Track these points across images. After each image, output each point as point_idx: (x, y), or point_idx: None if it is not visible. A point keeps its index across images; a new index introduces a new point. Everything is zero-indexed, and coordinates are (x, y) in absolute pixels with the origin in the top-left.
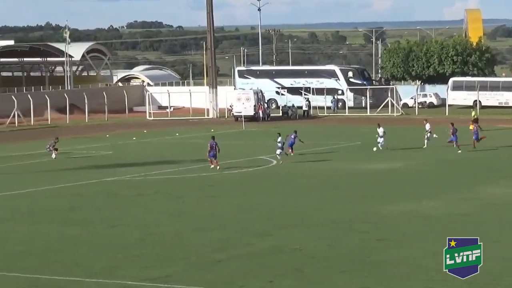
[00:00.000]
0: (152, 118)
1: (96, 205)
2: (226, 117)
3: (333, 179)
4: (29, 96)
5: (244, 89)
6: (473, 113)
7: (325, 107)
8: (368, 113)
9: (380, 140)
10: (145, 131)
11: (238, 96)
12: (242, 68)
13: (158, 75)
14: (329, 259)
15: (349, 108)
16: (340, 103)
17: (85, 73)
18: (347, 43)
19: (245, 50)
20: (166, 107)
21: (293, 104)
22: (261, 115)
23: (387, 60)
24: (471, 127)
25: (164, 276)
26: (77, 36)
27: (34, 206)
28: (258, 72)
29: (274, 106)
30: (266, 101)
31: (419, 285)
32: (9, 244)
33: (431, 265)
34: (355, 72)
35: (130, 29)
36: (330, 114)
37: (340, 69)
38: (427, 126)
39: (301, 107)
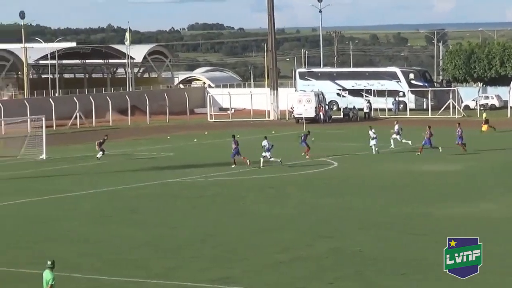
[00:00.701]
0: (213, 120)
1: (157, 207)
2: (287, 119)
3: (392, 180)
4: (90, 97)
5: (305, 91)
6: (484, 115)
7: (386, 109)
8: (430, 115)
9: (373, 142)
10: (206, 133)
11: (299, 98)
12: (303, 69)
13: (219, 76)
14: (389, 261)
15: (410, 110)
16: (402, 105)
17: (146, 75)
18: (409, 44)
19: (306, 52)
20: (227, 109)
21: (354, 106)
22: (322, 117)
23: (449, 62)
24: (484, 128)
25: (224, 278)
26: (139, 38)
27: (95, 207)
28: (319, 74)
29: (335, 108)
30: (327, 103)
31: None
32: (71, 245)
33: (490, 267)
34: (416, 74)
35: (192, 31)
36: (391, 116)
37: (401, 71)
38: (396, 127)
39: (362, 109)
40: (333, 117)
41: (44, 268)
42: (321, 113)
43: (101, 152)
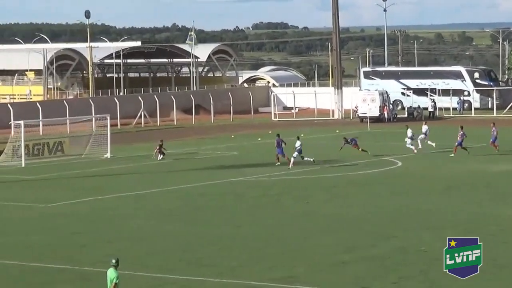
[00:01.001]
0: (277, 119)
1: (221, 205)
2: (351, 118)
3: (456, 180)
4: (155, 96)
5: (369, 90)
6: None
7: (451, 108)
8: (495, 115)
9: (408, 141)
10: (270, 132)
11: (363, 97)
12: (367, 69)
13: (283, 76)
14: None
15: (475, 109)
16: (466, 105)
17: (210, 74)
18: (474, 43)
19: (371, 51)
20: (291, 108)
21: (418, 105)
22: (386, 116)
23: None
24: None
25: (288, 277)
26: (203, 37)
27: (160, 206)
28: (383, 73)
29: (399, 107)
30: (391, 102)
31: None
32: (135, 243)
33: None
34: (481, 73)
35: (256, 30)
36: (456, 115)
37: (466, 70)
38: (423, 128)
39: (426, 108)
40: (397, 116)
41: (109, 266)
42: (385, 112)
43: (161, 155)
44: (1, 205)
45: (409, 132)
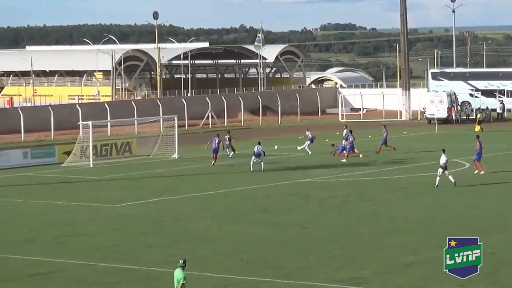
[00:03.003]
0: (344, 120)
1: (289, 206)
2: (418, 119)
3: None
4: (222, 97)
5: (437, 91)
6: (479, 115)
7: None
8: None
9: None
10: (337, 133)
11: (431, 99)
12: (435, 70)
13: (351, 77)
14: None
15: None
16: None
17: (278, 75)
18: None
19: (439, 52)
20: (358, 109)
21: (487, 107)
22: (454, 117)
23: None
24: (477, 129)
25: (355, 278)
26: (271, 38)
27: (227, 207)
28: (451, 74)
29: (471, 108)
30: (459, 104)
31: None
32: (202, 244)
33: None
34: None
35: (324, 31)
36: None
37: None
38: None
39: (495, 110)
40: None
41: (176, 266)
42: (453, 114)
43: (231, 151)
44: (69, 206)
45: (443, 159)
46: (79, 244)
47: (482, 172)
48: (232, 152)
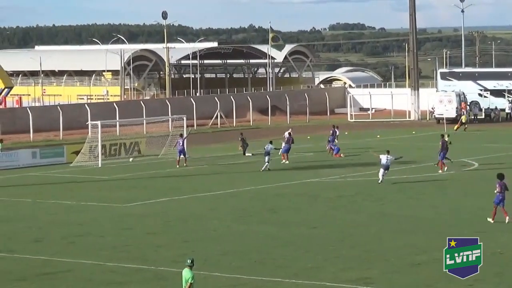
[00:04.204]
0: (353, 120)
1: (297, 206)
2: (427, 119)
3: None
4: (231, 97)
5: (446, 91)
6: (463, 117)
7: None
8: None
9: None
10: (346, 133)
11: (440, 98)
12: (444, 70)
13: (359, 77)
14: None
15: None
16: None
17: (287, 75)
18: None
19: (448, 52)
20: (367, 109)
21: (496, 107)
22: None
23: None
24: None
25: (364, 278)
26: (280, 38)
27: (236, 206)
28: (460, 74)
29: (481, 108)
30: (468, 103)
31: None
32: (211, 244)
33: None
34: None
35: (333, 31)
36: None
37: None
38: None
39: (504, 110)
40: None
41: (184, 266)
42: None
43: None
44: (77, 205)
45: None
46: (88, 244)
47: (440, 171)
48: (245, 152)
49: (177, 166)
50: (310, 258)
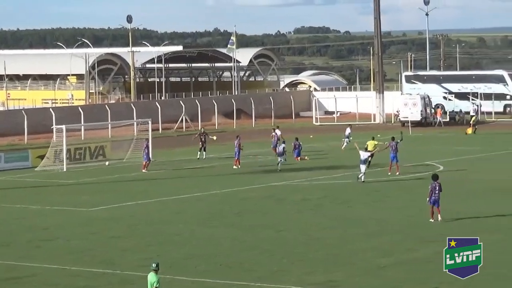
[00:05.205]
0: (318, 123)
1: (263, 210)
2: (392, 122)
3: (499, 183)
4: (196, 101)
5: (411, 94)
6: (473, 118)
7: (493, 113)
8: None
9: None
10: (311, 136)
11: (405, 101)
12: (409, 73)
13: (325, 80)
14: (499, 267)
15: None
16: (508, 109)
17: (252, 78)
18: None
19: (412, 55)
20: (332, 112)
21: (460, 110)
22: (440, 120)
23: None
24: (469, 131)
25: (329, 281)
26: (245, 41)
27: (201, 210)
28: (425, 77)
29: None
30: (433, 107)
31: None
32: (176, 247)
33: None
34: None
35: (298, 34)
36: (498, 120)
37: (508, 74)
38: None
39: (468, 113)
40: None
41: (149, 270)
42: (438, 116)
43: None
44: (42, 210)
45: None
46: (53, 248)
47: (389, 173)
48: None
49: (143, 170)
50: (276, 262)
